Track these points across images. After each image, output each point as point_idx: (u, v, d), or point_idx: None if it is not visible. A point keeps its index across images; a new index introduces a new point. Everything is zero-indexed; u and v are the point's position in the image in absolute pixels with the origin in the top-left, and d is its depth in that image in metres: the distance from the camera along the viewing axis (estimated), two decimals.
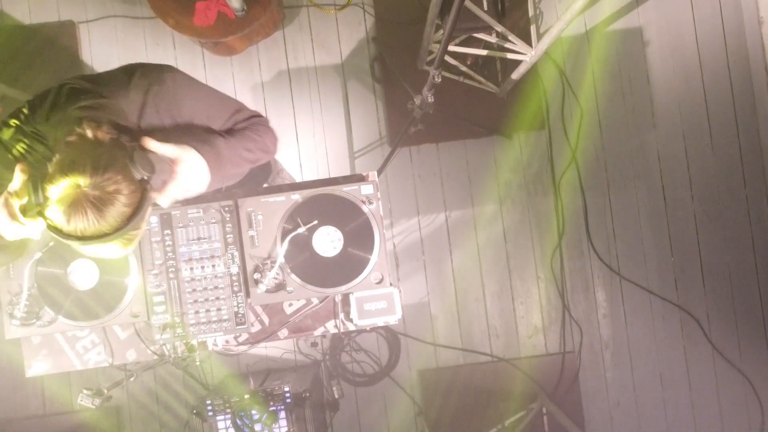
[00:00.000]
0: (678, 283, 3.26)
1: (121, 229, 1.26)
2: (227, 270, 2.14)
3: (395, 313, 2.21)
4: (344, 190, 2.18)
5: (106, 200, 1.22)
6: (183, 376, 3.14)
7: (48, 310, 2.10)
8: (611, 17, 3.31)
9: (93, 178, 1.21)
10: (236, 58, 3.23)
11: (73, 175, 1.20)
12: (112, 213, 1.24)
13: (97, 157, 1.24)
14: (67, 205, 1.21)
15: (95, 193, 1.21)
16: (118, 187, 1.24)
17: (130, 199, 1.27)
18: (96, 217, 1.22)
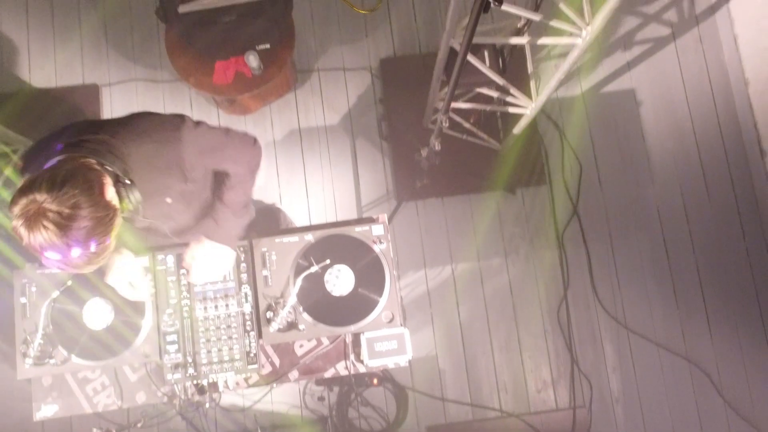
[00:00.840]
0: (685, 335, 3.26)
1: (83, 241, 1.30)
2: (240, 309, 2.17)
3: (406, 354, 2.22)
4: (356, 230, 2.25)
5: (65, 215, 1.26)
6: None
7: (61, 350, 2.12)
8: (605, 80, 3.50)
9: (49, 193, 1.25)
10: (250, 118, 3.39)
11: (31, 193, 1.25)
12: (71, 227, 1.27)
13: (55, 175, 1.29)
14: (25, 220, 1.25)
15: (52, 207, 1.25)
16: (78, 200, 1.28)
17: (93, 210, 1.30)
18: (55, 230, 1.26)
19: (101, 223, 1.33)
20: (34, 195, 1.25)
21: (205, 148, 1.68)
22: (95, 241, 1.33)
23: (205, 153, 1.69)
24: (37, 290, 2.16)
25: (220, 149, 1.76)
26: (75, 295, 2.15)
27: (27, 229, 1.26)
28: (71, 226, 1.27)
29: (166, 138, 1.57)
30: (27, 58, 3.46)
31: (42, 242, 1.27)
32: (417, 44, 3.55)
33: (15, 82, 3.43)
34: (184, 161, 1.62)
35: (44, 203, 1.25)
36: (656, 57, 3.53)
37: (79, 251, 1.32)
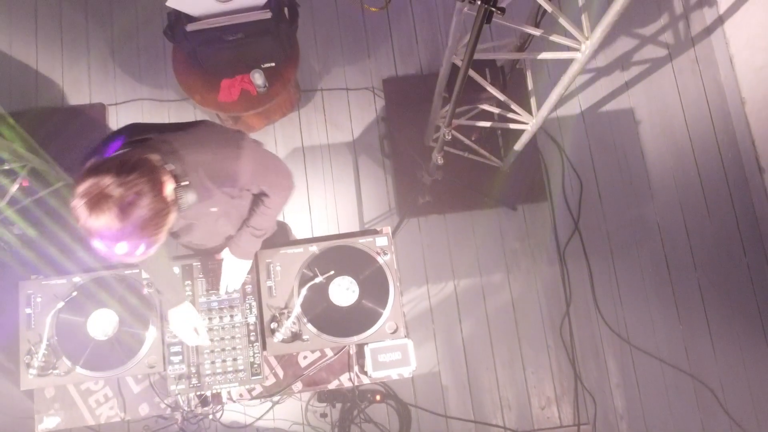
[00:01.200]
0: (689, 351, 3.25)
1: (139, 230, 1.32)
2: (244, 320, 2.18)
3: (409, 365, 2.22)
4: (360, 242, 2.27)
5: (128, 200, 1.28)
6: None
7: (65, 360, 2.12)
8: (604, 99, 3.56)
9: (117, 177, 1.28)
10: (254, 136, 3.42)
11: (98, 175, 1.28)
12: (131, 214, 1.29)
13: (123, 162, 1.32)
14: (88, 200, 1.27)
15: (117, 192, 1.28)
16: (142, 188, 1.30)
17: (153, 202, 1.33)
18: (116, 214, 1.28)
19: (158, 216, 1.36)
20: (102, 177, 1.27)
21: (258, 168, 1.74)
22: (149, 233, 1.35)
23: (258, 174, 1.74)
24: (42, 301, 2.17)
25: (270, 173, 1.83)
26: (80, 306, 2.16)
27: (88, 209, 1.27)
28: (131, 213, 1.29)
29: (226, 152, 1.62)
30: (35, 77, 3.52)
31: (99, 225, 1.29)
32: (418, 64, 3.61)
33: (23, 101, 3.48)
34: (238, 178, 1.67)
35: (110, 186, 1.27)
36: (654, 77, 3.60)
37: (132, 240, 1.33)
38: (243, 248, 2.09)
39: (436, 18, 3.68)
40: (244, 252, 2.10)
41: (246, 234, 2.06)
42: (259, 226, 2.04)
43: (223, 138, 1.65)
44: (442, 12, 3.69)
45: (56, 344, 2.13)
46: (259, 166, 1.73)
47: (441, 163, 2.51)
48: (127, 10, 3.64)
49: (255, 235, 2.06)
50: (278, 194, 1.93)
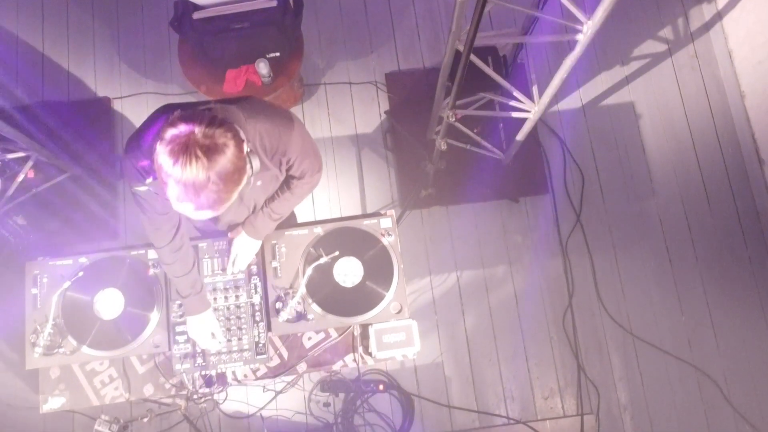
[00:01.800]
0: (692, 343, 3.26)
1: (220, 182, 1.34)
2: (249, 300, 2.19)
3: (414, 346, 2.22)
4: (364, 223, 2.29)
5: (215, 150, 1.32)
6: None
7: (71, 340, 2.13)
8: (604, 93, 3.59)
9: (208, 128, 1.32)
10: None
11: (190, 122, 1.32)
12: (217, 163, 1.32)
13: (213, 116, 1.36)
14: (176, 144, 1.30)
15: (207, 141, 1.31)
16: (227, 141, 1.34)
17: (235, 158, 1.36)
18: (203, 162, 1.30)
19: (237, 172, 1.38)
20: (194, 125, 1.31)
21: (306, 145, 1.79)
22: (227, 188, 1.37)
23: (305, 150, 1.79)
24: (49, 281, 2.18)
25: (311, 154, 1.87)
26: (86, 286, 2.18)
27: (175, 155, 1.30)
28: (216, 163, 1.32)
29: (282, 122, 1.67)
30: (41, 71, 3.56)
31: (184, 172, 1.30)
32: (420, 60, 3.65)
33: (30, 95, 3.52)
34: (289, 149, 1.71)
35: (199, 135, 1.31)
36: (653, 72, 3.64)
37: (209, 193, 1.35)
38: (257, 229, 2.11)
39: (438, 15, 3.73)
40: (258, 233, 2.12)
41: (263, 216, 2.08)
42: (279, 210, 2.08)
43: (277, 110, 1.70)
44: (443, 9, 3.73)
45: (62, 324, 2.14)
46: (306, 142, 1.79)
47: (444, 148, 2.54)
48: (132, 5, 3.68)
49: (272, 218, 2.09)
50: (308, 182, 1.98)
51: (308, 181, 1.98)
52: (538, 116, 2.70)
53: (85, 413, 3.06)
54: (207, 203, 1.37)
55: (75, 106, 3.50)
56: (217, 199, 1.38)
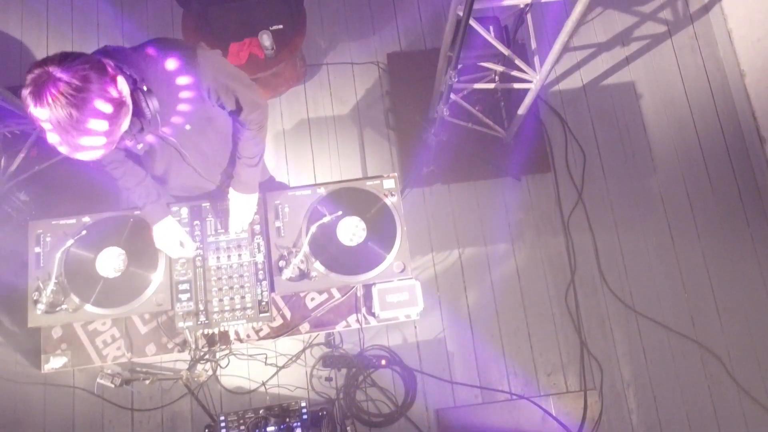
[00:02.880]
0: (694, 320, 3.25)
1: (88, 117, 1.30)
2: (252, 259, 2.19)
3: (417, 305, 2.22)
4: (367, 184, 2.29)
5: (74, 86, 1.29)
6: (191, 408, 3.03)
7: (74, 298, 2.12)
8: (605, 73, 3.61)
9: (60, 65, 1.29)
10: None
11: (44, 65, 1.29)
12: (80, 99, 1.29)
13: (69, 53, 1.33)
14: (35, 87, 1.28)
15: (63, 76, 1.28)
16: (87, 74, 1.30)
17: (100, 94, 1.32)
18: (62, 101, 1.27)
19: (109, 108, 1.35)
20: (47, 66, 1.29)
21: (219, 69, 1.74)
22: (100, 125, 1.34)
23: (220, 74, 1.74)
24: (52, 240, 2.18)
25: (235, 78, 1.83)
26: (89, 245, 2.18)
27: (36, 96, 1.27)
28: (79, 98, 1.29)
29: (183, 54, 1.63)
30: (45, 51, 3.58)
31: (48, 113, 1.28)
32: (422, 41, 3.68)
33: None
34: (201, 79, 1.67)
35: (55, 72, 1.28)
36: (653, 53, 3.66)
37: (82, 132, 1.32)
38: (244, 182, 2.09)
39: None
40: (246, 186, 2.10)
41: (241, 166, 2.06)
42: (249, 153, 2.05)
43: (177, 44, 1.66)
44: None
45: (65, 282, 2.14)
46: (220, 67, 1.74)
47: (446, 114, 2.54)
48: None
49: (249, 164, 2.06)
50: (251, 109, 1.91)
51: (251, 112, 1.92)
52: (539, 85, 2.71)
53: (86, 388, 3.06)
54: (84, 142, 1.35)
55: None
56: (95, 137, 1.35)
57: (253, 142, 2.05)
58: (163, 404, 3.06)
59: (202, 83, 1.68)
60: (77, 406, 3.06)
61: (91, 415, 3.05)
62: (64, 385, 3.08)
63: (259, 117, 1.98)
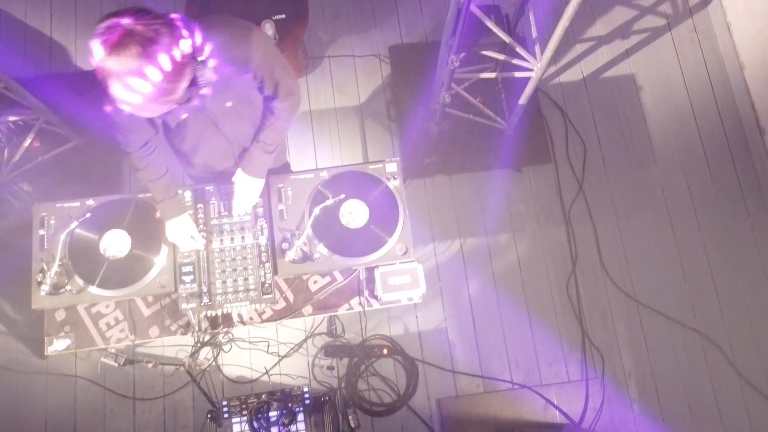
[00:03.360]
0: (695, 309, 3.25)
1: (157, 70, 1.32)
2: (255, 241, 2.20)
3: (419, 288, 2.23)
4: (370, 168, 2.31)
5: (147, 37, 1.30)
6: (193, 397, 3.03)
7: (78, 280, 2.13)
8: (605, 66, 3.63)
9: (135, 17, 1.31)
10: None
11: (117, 15, 1.31)
12: (150, 50, 1.30)
13: (142, 8, 1.35)
14: (108, 36, 1.29)
15: (137, 28, 1.30)
16: (159, 29, 1.32)
17: (171, 47, 1.33)
18: (136, 50, 1.29)
19: (176, 64, 1.36)
20: (121, 17, 1.30)
21: (269, 53, 1.78)
22: (166, 79, 1.35)
23: (269, 58, 1.78)
24: (56, 223, 2.19)
25: (278, 64, 1.86)
26: (93, 227, 2.18)
27: (108, 45, 1.28)
28: (150, 51, 1.30)
29: (240, 33, 1.67)
30: (49, 43, 3.60)
31: (119, 62, 1.29)
32: (423, 34, 3.70)
33: (37, 67, 3.55)
34: (250, 58, 1.70)
35: (129, 23, 1.30)
36: (653, 46, 3.68)
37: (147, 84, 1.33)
38: (255, 165, 2.12)
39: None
40: (256, 170, 2.13)
41: (257, 150, 2.10)
42: (270, 140, 2.08)
43: (234, 21, 1.70)
44: None
45: (69, 264, 2.15)
46: (270, 51, 1.78)
47: (449, 101, 2.56)
48: None
49: (266, 150, 2.10)
50: (286, 96, 1.95)
51: (286, 99, 1.96)
52: (540, 73, 2.73)
53: (87, 377, 3.06)
54: (148, 96, 1.36)
55: (80, 76, 3.54)
56: (158, 91, 1.37)
57: (277, 130, 2.09)
58: (165, 393, 3.06)
59: (252, 63, 1.72)
60: (79, 395, 3.06)
61: (92, 404, 3.05)
62: (66, 374, 3.08)
63: (290, 106, 2.03)
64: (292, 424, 2.40)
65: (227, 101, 1.81)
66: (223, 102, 1.80)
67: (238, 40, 1.66)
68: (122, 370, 3.08)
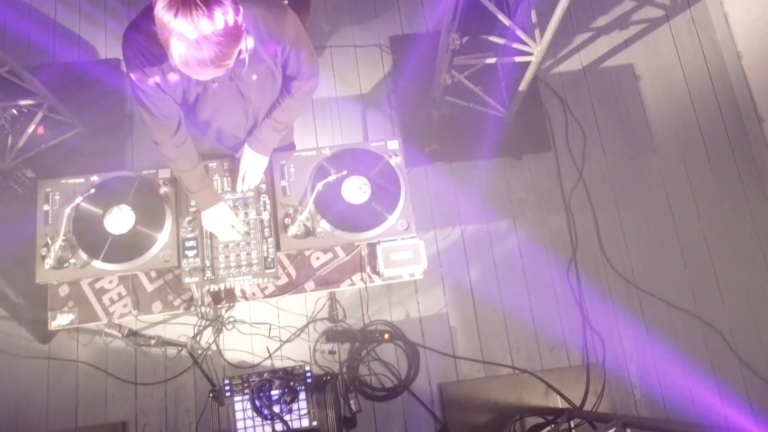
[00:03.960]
0: (695, 295, 3.27)
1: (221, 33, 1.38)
2: (258, 217, 2.22)
3: (421, 263, 2.25)
4: (372, 145, 2.33)
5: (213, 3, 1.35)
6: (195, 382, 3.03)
7: (81, 254, 2.15)
8: (604, 56, 3.67)
9: None
10: None
11: None
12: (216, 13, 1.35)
13: None
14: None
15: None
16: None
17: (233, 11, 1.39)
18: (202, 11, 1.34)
19: (236, 27, 1.41)
20: None
21: (300, 34, 1.84)
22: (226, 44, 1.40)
23: (299, 38, 1.84)
24: (60, 198, 2.21)
25: (307, 44, 1.92)
26: (97, 203, 2.20)
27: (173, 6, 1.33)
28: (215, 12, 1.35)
29: (275, 8, 1.72)
30: (53, 33, 3.64)
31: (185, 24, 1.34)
32: (424, 25, 3.74)
33: (41, 57, 3.59)
34: (282, 35, 1.75)
35: None
36: (651, 36, 3.72)
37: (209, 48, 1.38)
38: (262, 142, 2.14)
39: None
40: (263, 147, 2.16)
41: (267, 127, 2.12)
42: (281, 119, 2.12)
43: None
44: None
45: (73, 239, 2.16)
46: (300, 31, 1.84)
47: (449, 82, 2.58)
48: None
49: (276, 128, 2.13)
50: (308, 78, 2.02)
51: (306, 81, 2.02)
52: (540, 57, 2.76)
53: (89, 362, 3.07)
54: (209, 56, 1.41)
55: (85, 66, 3.57)
56: (219, 54, 1.41)
57: (291, 111, 2.13)
58: (167, 378, 3.07)
59: (284, 38, 1.76)
60: (81, 380, 3.07)
61: (94, 388, 3.05)
62: (67, 359, 3.09)
63: (309, 89, 2.09)
64: (293, 402, 2.40)
65: (253, 74, 1.84)
66: (250, 75, 1.83)
67: (274, 15, 1.71)
68: (124, 352, 3.09)
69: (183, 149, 2.01)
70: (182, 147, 2.00)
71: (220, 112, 2.04)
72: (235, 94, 1.93)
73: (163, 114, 1.89)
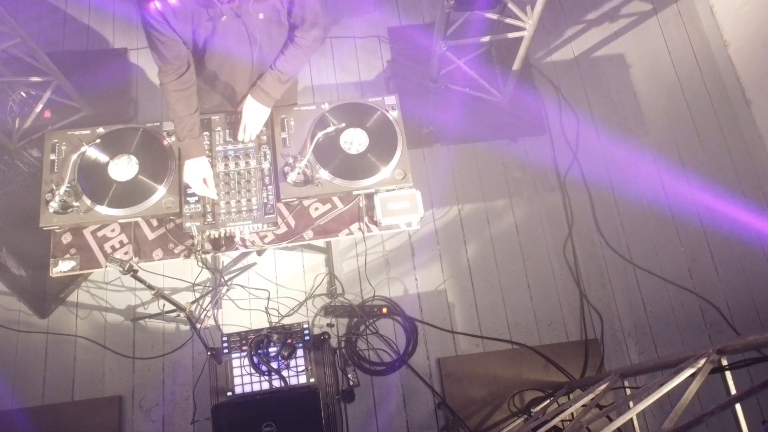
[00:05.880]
0: (692, 271, 3.29)
1: None
2: (259, 166, 2.27)
3: (418, 212, 2.29)
4: (370, 100, 2.40)
5: None
6: (193, 356, 3.03)
7: (86, 200, 2.19)
8: (595, 46, 3.79)
9: None
10: None
11: None
12: None
13: None
14: None
15: None
16: None
17: None
18: None
19: None
20: None
21: None
22: None
23: None
24: (67, 149, 2.27)
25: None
26: (103, 152, 2.26)
27: None
28: None
29: None
30: (63, 22, 3.77)
31: None
32: (421, 16, 3.87)
33: (51, 45, 3.70)
34: None
35: None
36: (641, 28, 3.85)
37: None
38: (265, 92, 2.21)
39: None
40: (266, 97, 2.22)
41: (271, 78, 2.20)
42: (285, 69, 2.19)
43: None
44: None
45: (77, 186, 2.21)
46: None
47: (445, 49, 2.68)
48: None
49: (280, 79, 2.20)
50: (310, 29, 2.09)
51: (309, 29, 2.08)
52: (533, 30, 2.86)
53: (88, 336, 3.07)
54: None
55: (93, 54, 3.68)
56: None
57: (295, 61, 2.20)
58: (165, 352, 3.06)
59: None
60: (79, 354, 3.06)
61: (92, 363, 3.05)
62: (65, 333, 3.09)
63: (313, 38, 2.15)
64: (291, 358, 2.41)
65: (260, 12, 1.92)
66: (257, 13, 1.91)
67: None
68: (123, 327, 3.10)
69: (184, 95, 2.08)
70: (183, 92, 2.07)
71: (229, 58, 2.12)
72: (243, 34, 2.01)
73: (172, 53, 1.97)
